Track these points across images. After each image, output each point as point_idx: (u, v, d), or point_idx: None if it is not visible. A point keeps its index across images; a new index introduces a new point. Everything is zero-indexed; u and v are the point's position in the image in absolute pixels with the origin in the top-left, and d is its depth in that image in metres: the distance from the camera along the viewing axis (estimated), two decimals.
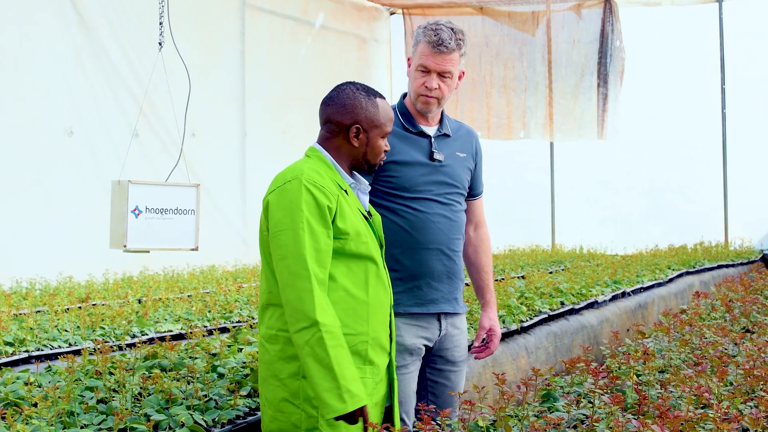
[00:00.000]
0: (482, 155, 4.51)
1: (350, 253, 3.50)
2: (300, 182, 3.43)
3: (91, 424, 3.90)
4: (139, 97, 9.43)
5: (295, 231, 3.38)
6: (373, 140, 3.65)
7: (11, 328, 6.70)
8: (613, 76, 16.29)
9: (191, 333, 5.78)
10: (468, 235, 4.50)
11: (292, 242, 3.37)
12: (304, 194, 3.41)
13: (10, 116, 10.71)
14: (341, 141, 3.65)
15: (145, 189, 4.98)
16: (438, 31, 4.13)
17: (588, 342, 8.09)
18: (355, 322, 3.50)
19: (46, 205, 11.07)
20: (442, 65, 4.15)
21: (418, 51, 4.19)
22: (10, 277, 9.89)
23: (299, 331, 3.30)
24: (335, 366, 3.26)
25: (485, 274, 4.54)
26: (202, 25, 13.46)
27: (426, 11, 17.42)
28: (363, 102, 3.65)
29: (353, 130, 3.62)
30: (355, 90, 3.68)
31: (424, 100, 4.18)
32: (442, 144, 4.27)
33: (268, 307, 3.54)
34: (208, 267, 12.04)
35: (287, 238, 3.38)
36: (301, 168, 3.49)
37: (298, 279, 3.33)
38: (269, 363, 3.51)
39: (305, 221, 3.38)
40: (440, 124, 4.32)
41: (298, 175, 3.45)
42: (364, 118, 3.63)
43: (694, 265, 12.63)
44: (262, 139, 14.44)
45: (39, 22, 11.04)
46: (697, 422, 3.20)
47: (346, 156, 3.67)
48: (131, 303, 8.35)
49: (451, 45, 4.12)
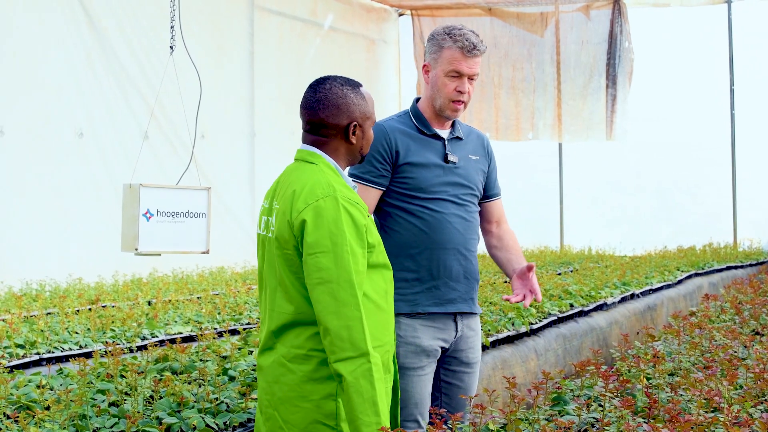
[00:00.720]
0: (495, 157, 4.55)
1: (374, 264, 3.41)
2: (336, 200, 3.31)
3: (103, 428, 3.92)
4: (149, 99, 9.49)
5: (338, 255, 3.25)
6: (367, 132, 3.58)
7: (22, 330, 6.74)
8: (622, 77, 16.29)
9: (201, 335, 5.80)
10: (491, 231, 4.54)
11: (335, 267, 3.24)
12: (344, 214, 3.29)
13: (21, 118, 10.75)
14: (339, 142, 3.55)
15: (156, 192, 5.00)
16: (467, 36, 4.18)
17: (597, 344, 8.10)
18: (382, 333, 3.44)
19: (56, 207, 11.10)
20: (473, 68, 4.22)
21: (444, 57, 4.21)
22: (20, 278, 9.93)
23: (344, 360, 3.18)
24: (379, 401, 3.18)
25: (516, 252, 4.50)
26: (212, 27, 13.50)
27: (434, 12, 17.44)
28: (353, 98, 3.54)
29: (351, 128, 3.53)
30: (341, 86, 3.55)
31: (456, 107, 4.24)
32: (456, 146, 4.32)
33: (295, 326, 3.40)
34: (217, 268, 12.07)
35: (329, 261, 3.24)
36: (329, 182, 3.38)
37: (344, 307, 3.21)
38: (295, 384, 3.38)
39: (348, 245, 3.27)
40: (452, 128, 4.36)
41: (332, 192, 3.33)
42: (359, 114, 3.54)
43: (703, 266, 12.61)
44: (272, 141, 14.47)
45: (49, 25, 11.08)
46: (708, 426, 3.21)
47: (344, 156, 3.57)
48: (141, 305, 8.39)
49: (481, 48, 4.20)
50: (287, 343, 3.41)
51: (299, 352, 3.37)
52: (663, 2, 16.47)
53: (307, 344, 3.36)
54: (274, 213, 3.46)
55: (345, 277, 3.23)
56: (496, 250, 4.55)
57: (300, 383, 3.36)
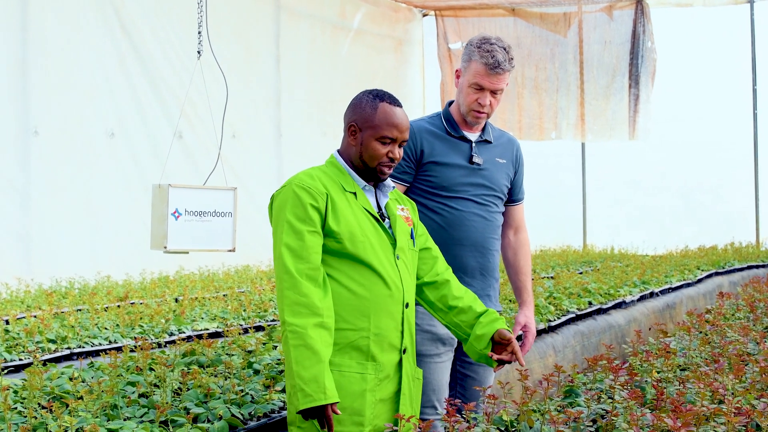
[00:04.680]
0: (523, 163, 4.69)
1: (348, 254, 3.63)
2: (290, 186, 3.62)
3: (133, 417, 4.08)
4: (180, 100, 9.67)
5: (278, 234, 3.59)
6: (366, 140, 3.70)
7: (53, 326, 6.92)
8: (645, 77, 16.33)
9: (227, 331, 5.95)
10: (508, 239, 4.69)
11: (276, 244, 3.58)
12: (290, 197, 3.60)
13: (55, 119, 10.98)
14: (347, 140, 3.79)
15: (184, 192, 5.17)
16: (494, 53, 4.30)
17: (615, 341, 8.20)
18: (355, 317, 3.62)
19: (87, 206, 11.31)
20: (496, 84, 4.35)
21: (471, 68, 4.36)
22: (50, 276, 10.12)
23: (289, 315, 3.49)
24: (294, 365, 3.43)
25: (523, 276, 4.72)
26: (241, 28, 13.66)
27: (458, 13, 17.53)
28: (364, 102, 3.74)
29: (350, 128, 3.75)
30: (365, 93, 3.78)
31: (476, 116, 4.39)
32: (483, 149, 4.46)
33: None
34: (242, 267, 12.22)
35: (274, 240, 3.60)
36: (298, 174, 3.68)
37: (278, 280, 3.54)
38: (286, 353, 3.59)
39: (286, 222, 3.57)
40: (482, 131, 4.51)
41: (291, 180, 3.65)
42: (359, 117, 3.72)
43: (724, 265, 12.66)
44: (300, 141, 14.63)
45: (83, 29, 11.30)
46: (711, 416, 3.34)
47: (349, 156, 3.79)
48: (168, 302, 8.54)
49: (506, 67, 4.31)
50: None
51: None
52: (686, 2, 16.50)
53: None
54: None
55: (278, 252, 3.56)
56: (507, 265, 4.77)
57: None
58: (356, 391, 3.60)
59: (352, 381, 3.60)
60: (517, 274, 4.73)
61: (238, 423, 4.14)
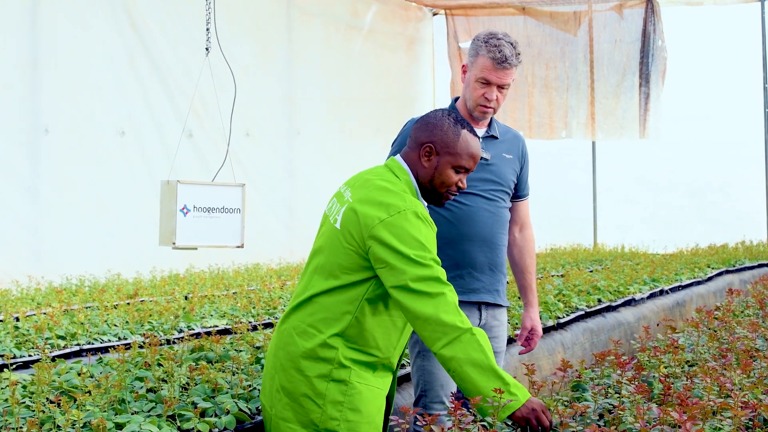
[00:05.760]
0: (529, 159, 4.70)
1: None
2: (416, 215, 3.51)
3: (141, 411, 4.10)
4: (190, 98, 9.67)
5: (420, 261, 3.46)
6: (443, 166, 3.66)
7: (63, 322, 6.94)
8: (655, 76, 16.29)
9: (236, 328, 5.97)
10: (513, 236, 4.71)
11: (421, 269, 3.45)
12: (423, 228, 3.51)
13: (65, 117, 11.03)
14: (415, 157, 3.70)
15: (193, 189, 5.19)
16: (501, 48, 4.33)
17: (624, 339, 8.19)
18: (387, 347, 3.67)
19: (97, 204, 11.35)
20: (503, 79, 4.40)
21: (478, 63, 4.38)
22: (60, 274, 10.15)
23: (448, 344, 3.38)
24: (495, 366, 3.37)
25: (528, 275, 4.75)
26: (254, 28, 13.69)
27: (468, 12, 17.52)
28: (446, 126, 3.67)
29: (426, 148, 3.66)
30: (445, 114, 3.71)
31: (482, 110, 4.42)
32: (490, 145, 4.48)
33: (314, 303, 3.64)
34: (252, 265, 12.24)
35: (408, 266, 3.45)
36: (412, 200, 3.57)
37: (435, 297, 3.42)
38: (295, 356, 3.61)
39: (429, 253, 3.48)
40: (489, 126, 4.52)
41: (413, 207, 3.53)
42: (440, 140, 3.65)
43: (734, 263, 12.63)
44: (314, 139, 14.66)
45: (93, 27, 11.34)
46: (717, 410, 3.34)
47: (416, 174, 3.71)
48: (178, 299, 8.56)
49: (513, 62, 4.35)
50: (300, 317, 3.66)
51: (304, 327, 3.62)
52: (696, 1, 16.46)
53: (312, 322, 3.61)
54: (345, 204, 3.64)
55: (428, 274, 3.45)
56: (513, 264, 4.81)
57: (299, 357, 3.60)
58: (379, 406, 3.67)
59: (376, 395, 3.66)
60: (522, 273, 4.76)
61: (245, 417, 4.15)
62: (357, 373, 3.59)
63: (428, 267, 3.45)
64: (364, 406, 3.59)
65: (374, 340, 3.62)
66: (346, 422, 3.56)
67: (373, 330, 3.61)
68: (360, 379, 3.59)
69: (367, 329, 3.61)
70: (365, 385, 3.60)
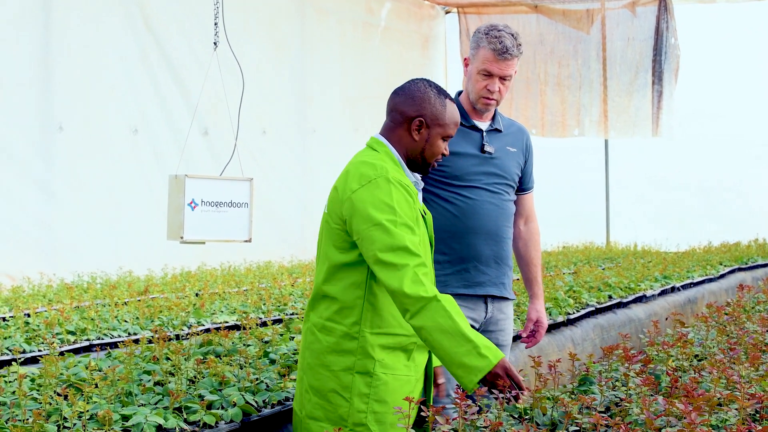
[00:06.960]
0: (533, 152, 4.71)
1: None
2: (387, 180, 3.51)
3: (148, 404, 4.11)
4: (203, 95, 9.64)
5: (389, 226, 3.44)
6: (434, 138, 3.67)
7: (73, 318, 6.97)
8: (668, 74, 16.24)
9: (245, 323, 5.98)
10: (518, 229, 4.71)
11: (388, 237, 3.43)
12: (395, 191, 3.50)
13: (79, 115, 11.06)
14: (402, 132, 3.69)
15: (201, 183, 5.19)
16: (501, 39, 4.33)
17: (634, 335, 8.17)
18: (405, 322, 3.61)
19: (109, 202, 11.38)
20: (504, 70, 4.38)
21: (479, 55, 4.38)
22: (72, 271, 10.18)
23: (416, 314, 3.36)
24: (464, 330, 3.33)
25: (534, 267, 4.75)
26: (269, 25, 13.67)
27: (481, 10, 17.50)
28: (432, 98, 3.67)
29: (416, 122, 3.65)
30: (427, 86, 3.70)
31: (485, 102, 4.41)
32: (494, 138, 4.49)
33: (326, 298, 3.64)
34: (264, 262, 12.25)
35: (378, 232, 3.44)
36: (383, 166, 3.56)
37: (400, 269, 3.40)
38: (319, 353, 3.62)
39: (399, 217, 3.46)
40: (492, 120, 4.53)
41: (384, 174, 3.52)
42: (429, 113, 3.65)
43: (747, 261, 12.60)
44: (329, 137, 14.66)
45: (107, 25, 11.35)
46: (723, 402, 3.33)
47: (404, 149, 3.70)
48: (189, 296, 8.58)
49: (514, 52, 4.34)
50: (318, 313, 3.66)
51: (323, 322, 3.61)
52: None
53: (330, 316, 3.60)
54: (331, 190, 3.67)
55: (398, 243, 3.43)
56: (518, 256, 4.80)
57: (323, 352, 3.60)
58: (406, 393, 3.60)
59: (403, 383, 3.64)
60: (528, 265, 4.76)
61: (251, 410, 4.16)
62: (382, 364, 3.57)
63: (396, 235, 3.43)
64: (390, 397, 3.57)
65: (393, 318, 3.59)
66: (373, 413, 3.56)
67: (389, 308, 3.59)
68: (385, 370, 3.58)
69: (383, 308, 3.59)
70: (391, 375, 3.59)
